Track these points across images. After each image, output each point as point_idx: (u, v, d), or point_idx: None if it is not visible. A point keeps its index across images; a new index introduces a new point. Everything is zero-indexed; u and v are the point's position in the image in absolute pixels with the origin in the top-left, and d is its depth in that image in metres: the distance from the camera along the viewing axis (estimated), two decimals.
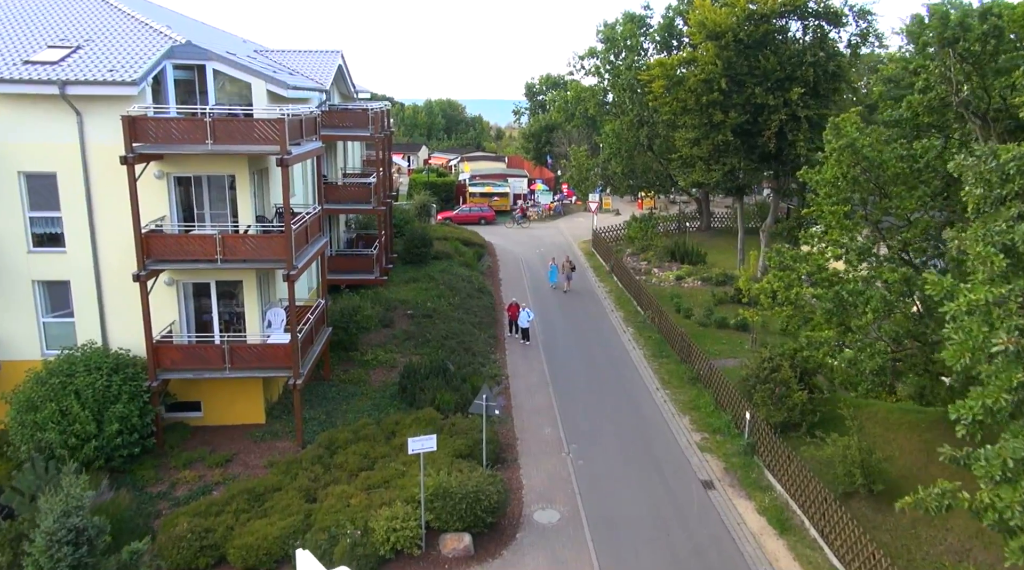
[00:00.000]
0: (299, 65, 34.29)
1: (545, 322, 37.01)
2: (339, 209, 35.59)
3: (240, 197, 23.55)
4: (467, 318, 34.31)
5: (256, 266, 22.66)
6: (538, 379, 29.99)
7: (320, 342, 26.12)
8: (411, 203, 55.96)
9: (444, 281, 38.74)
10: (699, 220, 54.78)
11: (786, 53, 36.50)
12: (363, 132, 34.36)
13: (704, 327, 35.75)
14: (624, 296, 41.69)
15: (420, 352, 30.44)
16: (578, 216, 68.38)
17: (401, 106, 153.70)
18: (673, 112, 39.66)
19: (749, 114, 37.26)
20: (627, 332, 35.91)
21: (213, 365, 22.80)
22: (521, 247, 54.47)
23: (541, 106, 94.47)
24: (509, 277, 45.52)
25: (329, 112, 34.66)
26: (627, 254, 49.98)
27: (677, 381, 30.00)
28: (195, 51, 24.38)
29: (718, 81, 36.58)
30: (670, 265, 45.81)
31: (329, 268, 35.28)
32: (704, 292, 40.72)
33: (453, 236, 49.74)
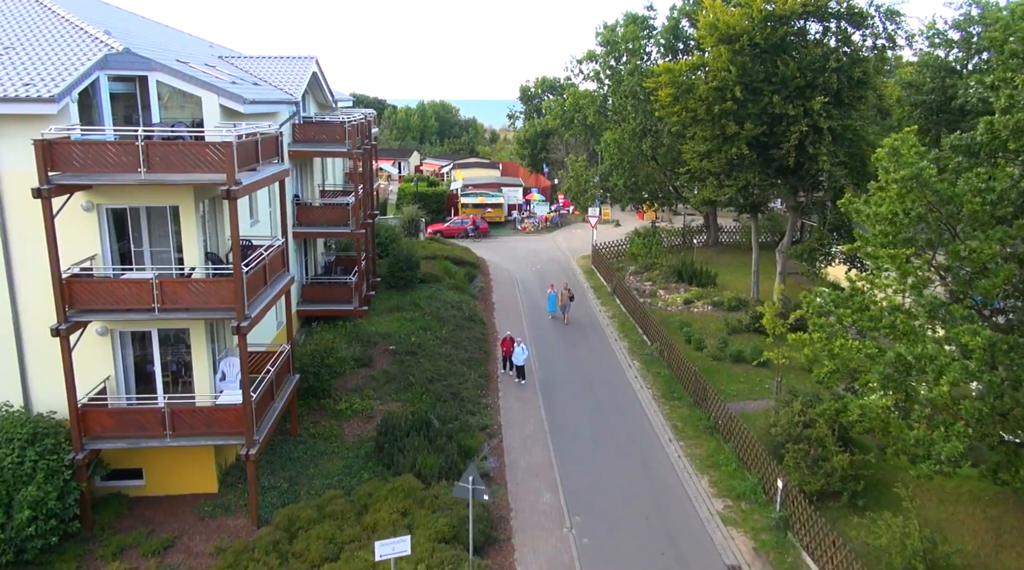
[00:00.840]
0: (268, 73, 30.80)
1: (543, 354, 33.56)
2: (313, 233, 32.10)
3: (185, 232, 20.06)
4: (456, 354, 30.83)
5: (201, 316, 19.16)
6: (535, 428, 26.53)
7: (284, 395, 22.62)
8: (399, 217, 52.40)
9: (431, 309, 35.24)
10: (706, 234, 51.41)
11: (807, 58, 33.09)
12: (339, 148, 30.85)
13: (718, 361, 32.34)
14: (628, 322, 38.26)
15: (401, 398, 26.96)
16: (576, 227, 64.96)
17: (393, 108, 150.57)
18: (682, 123, 36.22)
19: (766, 125, 33.85)
20: (633, 366, 32.47)
21: (152, 432, 19.32)
22: (516, 264, 51.00)
23: (537, 110, 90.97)
24: (503, 300, 42.06)
25: (303, 125, 31.18)
26: (630, 273, 46.55)
27: (692, 430, 26.57)
28: (134, 60, 20.90)
29: (732, 89, 33.16)
30: (677, 286, 42.39)
31: (303, 298, 31.86)
32: (716, 319, 37.30)
33: (443, 253, 46.25)
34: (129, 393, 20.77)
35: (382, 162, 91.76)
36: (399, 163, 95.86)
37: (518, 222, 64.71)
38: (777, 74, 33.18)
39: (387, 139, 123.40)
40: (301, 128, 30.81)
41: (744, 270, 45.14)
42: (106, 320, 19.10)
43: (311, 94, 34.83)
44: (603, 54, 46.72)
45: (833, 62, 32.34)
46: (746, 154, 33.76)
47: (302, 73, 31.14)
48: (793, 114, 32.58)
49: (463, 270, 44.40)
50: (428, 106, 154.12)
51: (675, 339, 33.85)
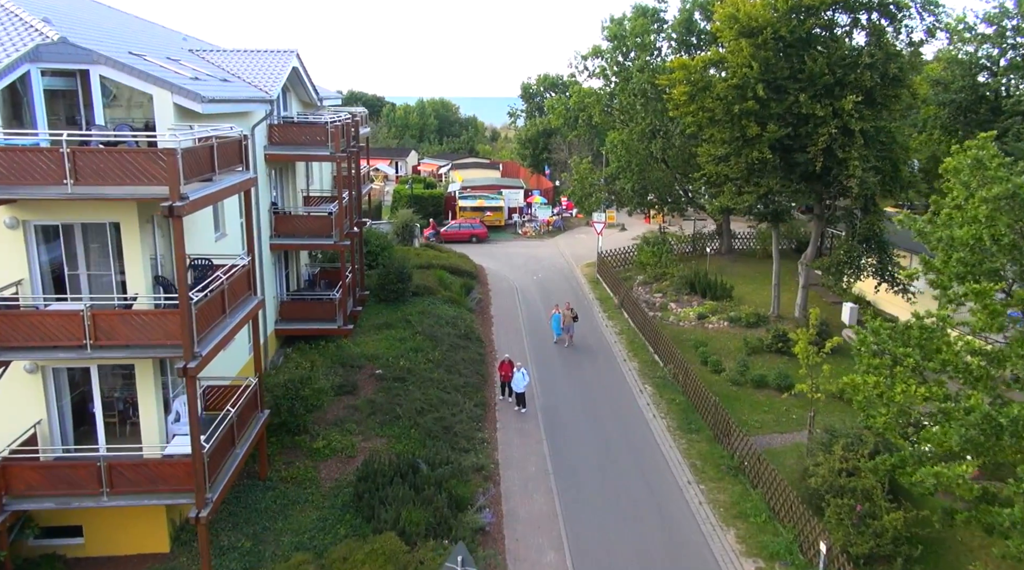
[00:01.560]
0: (243, 68, 27.84)
1: (545, 376, 30.61)
2: (293, 245, 29.14)
3: (128, 254, 17.13)
4: (449, 379, 27.87)
5: (144, 354, 16.21)
6: (537, 469, 23.58)
7: (248, 437, 19.68)
8: (392, 222, 49.41)
9: (424, 327, 32.27)
10: (718, 241, 48.41)
11: (836, 53, 30.09)
12: (320, 151, 27.92)
13: (738, 386, 29.39)
14: (637, 340, 35.30)
15: (387, 433, 24.01)
16: (579, 232, 62.01)
17: (392, 106, 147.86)
18: (697, 124, 33.23)
19: (790, 126, 30.87)
20: (645, 392, 29.52)
21: (87, 489, 16.40)
22: (516, 272, 48.04)
23: (539, 108, 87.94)
24: (502, 313, 39.10)
25: (280, 126, 28.25)
26: (637, 283, 43.57)
27: (713, 470, 23.62)
28: (72, 52, 17.97)
29: (753, 87, 30.17)
30: (689, 299, 39.41)
31: (282, 315, 28.95)
32: (733, 337, 34.32)
33: (438, 262, 43.28)
34: (66, 440, 17.86)
35: (378, 162, 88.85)
36: (396, 163, 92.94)
37: (519, 226, 61.78)
38: (803, 71, 30.19)
39: (385, 138, 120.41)
40: (279, 129, 27.88)
41: (761, 281, 42.19)
42: (30, 359, 16.16)
43: (293, 91, 31.88)
44: (610, 50, 43.73)
45: (866, 57, 29.33)
46: (768, 158, 30.77)
47: (280, 68, 28.18)
48: (821, 114, 29.60)
49: (460, 281, 41.45)
50: (427, 104, 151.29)
51: (690, 360, 30.91)
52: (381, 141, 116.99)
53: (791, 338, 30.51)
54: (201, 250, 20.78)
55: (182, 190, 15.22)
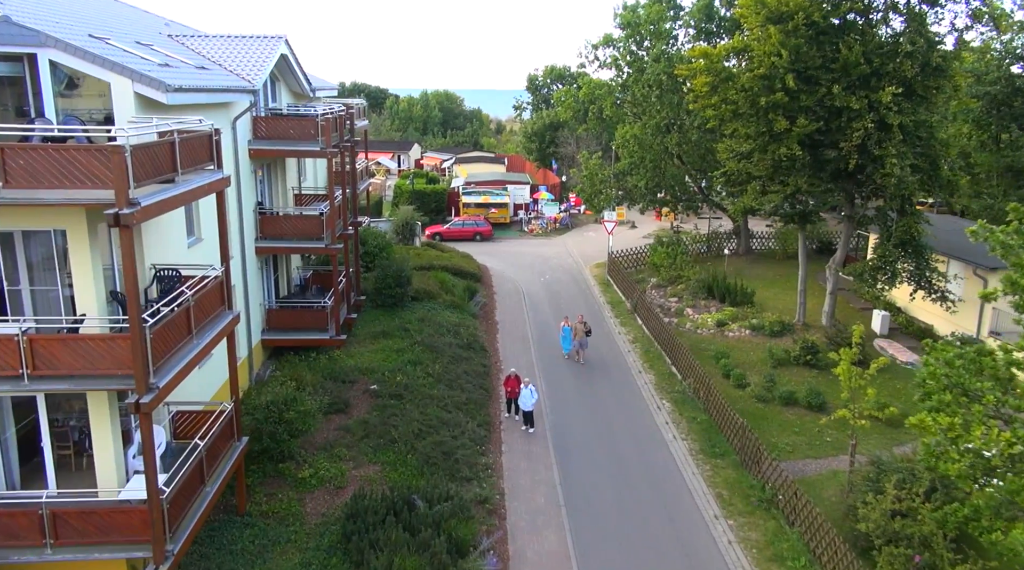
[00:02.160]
0: (225, 55, 25.48)
1: (554, 390, 28.30)
2: (279, 248, 26.81)
3: (77, 266, 14.80)
4: (451, 396, 25.56)
5: (91, 386, 13.90)
6: (547, 500, 21.27)
7: (222, 472, 17.38)
8: (392, 220, 47.02)
9: (424, 335, 29.94)
10: (736, 241, 45.92)
11: (873, 41, 27.60)
12: (310, 146, 25.56)
13: (765, 403, 27.05)
14: (652, 349, 32.93)
15: (381, 459, 21.72)
16: (588, 229, 59.61)
17: (396, 98, 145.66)
18: (719, 117, 30.76)
19: (822, 121, 28.40)
20: (663, 409, 27.18)
21: (27, 541, 14.12)
22: (523, 272, 45.68)
23: (545, 101, 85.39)
24: (508, 319, 36.76)
25: (266, 119, 25.90)
26: (651, 285, 41.18)
27: (742, 502, 21.28)
28: (15, 33, 15.65)
29: (782, 77, 27.72)
30: (707, 304, 37.01)
31: (269, 324, 26.66)
32: (756, 347, 31.93)
33: (439, 263, 40.92)
34: (10, 478, 15.58)
35: (380, 155, 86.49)
36: (398, 156, 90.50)
37: (525, 223, 59.42)
38: (837, 60, 27.71)
39: (388, 130, 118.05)
40: (264, 122, 25.52)
41: (782, 284, 39.79)
42: None
43: (283, 81, 29.50)
44: (623, 38, 41.21)
45: (907, 45, 26.82)
46: (798, 155, 28.30)
47: (266, 56, 25.79)
48: (856, 108, 27.13)
49: (463, 283, 39.09)
50: (431, 96, 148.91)
51: (711, 373, 28.56)
52: (384, 133, 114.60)
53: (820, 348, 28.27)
54: (171, 258, 18.50)
55: (132, 194, 12.88)
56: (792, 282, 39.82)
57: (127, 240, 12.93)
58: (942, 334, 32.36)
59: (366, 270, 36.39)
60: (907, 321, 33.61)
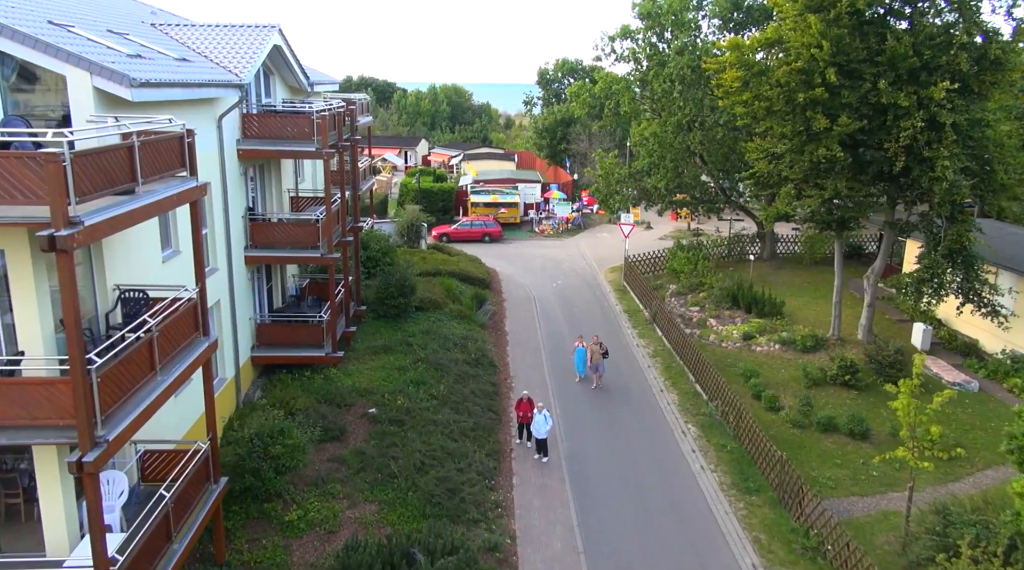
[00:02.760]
0: (212, 45, 23.24)
1: (569, 411, 26.02)
2: (271, 257, 24.58)
3: (18, 292, 12.59)
4: (457, 421, 23.30)
5: (22, 440, 11.66)
6: (564, 545, 18.98)
7: (195, 522, 15.15)
8: (397, 220, 44.72)
9: (428, 351, 27.69)
10: (760, 245, 43.44)
11: (924, 31, 25.12)
12: (304, 146, 23.31)
13: (801, 429, 24.70)
14: (674, 364, 30.59)
15: (379, 497, 19.48)
16: (601, 230, 57.22)
17: (403, 92, 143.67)
18: (751, 114, 28.33)
19: (866, 119, 25.96)
20: (688, 434, 24.86)
21: None
22: (534, 277, 43.37)
23: (556, 95, 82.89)
24: (519, 330, 34.46)
25: (257, 116, 23.66)
26: (670, 293, 38.81)
27: (783, 548, 18.95)
28: None
29: (823, 71, 25.28)
30: (732, 314, 34.60)
31: (260, 340, 24.51)
32: (788, 363, 29.55)
33: (446, 268, 38.66)
34: None
35: (387, 151, 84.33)
36: (405, 152, 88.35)
37: (535, 224, 57.06)
38: (883, 52, 25.24)
39: (396, 125, 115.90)
40: (255, 120, 23.28)
41: (811, 293, 37.37)
42: None
43: (277, 75, 27.26)
44: (642, 30, 38.76)
45: (963, 35, 24.33)
46: (839, 157, 25.86)
47: (257, 47, 23.52)
48: (904, 105, 24.66)
49: (471, 290, 36.83)
50: (440, 90, 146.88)
51: (739, 392, 26.24)
52: (391, 128, 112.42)
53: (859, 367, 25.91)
54: (141, 276, 16.28)
55: (73, 212, 10.64)
56: (822, 290, 37.46)
57: (66, 268, 10.66)
58: (990, 350, 29.92)
59: (368, 276, 34.18)
60: (949, 335, 31.14)
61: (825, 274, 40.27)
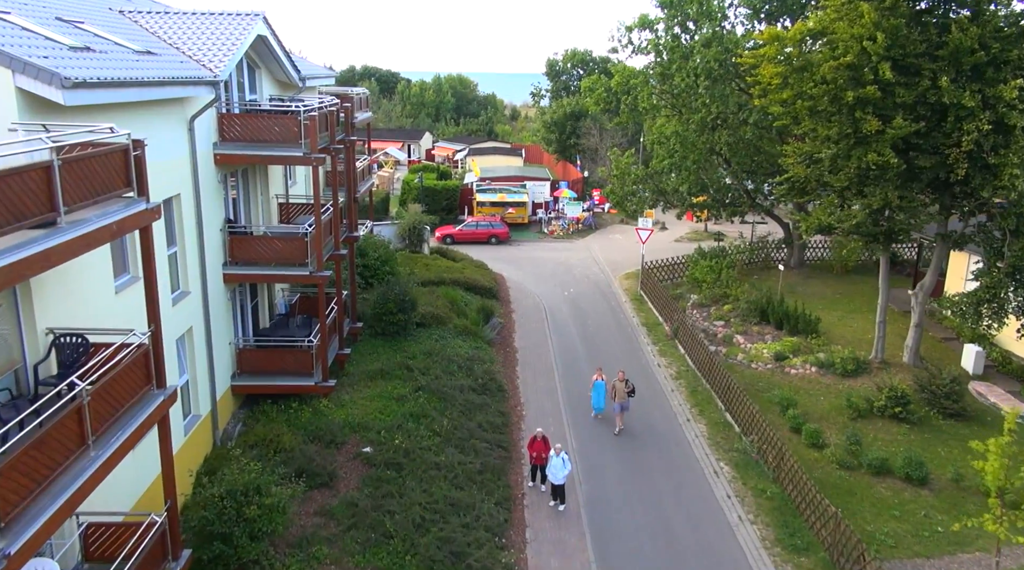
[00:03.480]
0: (187, 36, 20.47)
1: (586, 446, 23.34)
2: (253, 276, 21.87)
3: None
4: (463, 463, 20.61)
5: None
6: None
7: None
8: (398, 222, 41.95)
9: (430, 377, 25.01)
10: (787, 251, 40.55)
11: (992, 22, 22.24)
12: (289, 151, 20.55)
13: (849, 471, 21.97)
14: (700, 387, 27.87)
15: (372, 562, 16.82)
16: (614, 231, 54.40)
17: (407, 82, 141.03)
18: (792, 115, 25.46)
19: (923, 120, 23.11)
20: (721, 475, 22.15)
21: None
22: (544, 284, 40.62)
23: (565, 88, 79.88)
24: (529, 346, 31.73)
25: (238, 117, 20.91)
26: (691, 304, 36.03)
27: None
28: None
29: (876, 66, 22.42)
30: (761, 331, 31.80)
31: (242, 367, 21.91)
32: (827, 389, 26.79)
33: (450, 276, 35.91)
34: None
35: (389, 145, 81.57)
36: (408, 146, 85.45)
37: (544, 224, 54.24)
38: (945, 45, 22.36)
39: (399, 117, 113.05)
40: (233, 121, 20.52)
41: (845, 306, 34.54)
42: None
43: (264, 68, 24.49)
44: (663, 18, 35.82)
45: None
46: (891, 163, 23.00)
47: (237, 37, 20.73)
48: (969, 105, 21.79)
49: (477, 301, 34.08)
50: (445, 80, 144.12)
51: (775, 423, 23.57)
52: (395, 119, 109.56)
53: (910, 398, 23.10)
54: (86, 311, 13.61)
55: None
56: (856, 303, 34.69)
57: None
58: None
59: (366, 286, 31.47)
60: (1002, 357, 28.33)
61: (859, 285, 37.50)
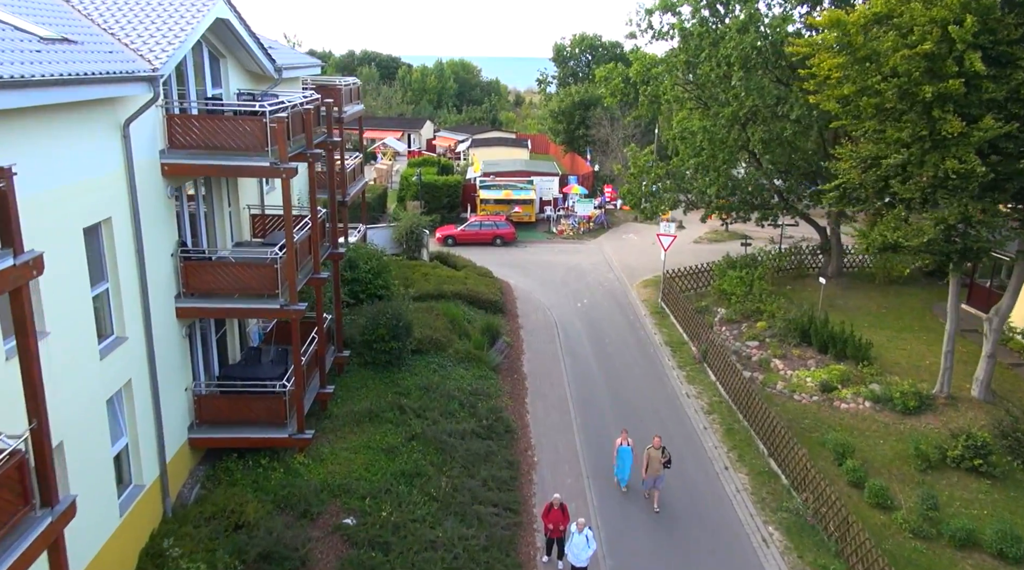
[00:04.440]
0: (127, 20, 16.75)
1: (607, 503, 19.77)
2: (213, 310, 18.25)
3: None
4: (464, 538, 17.05)
5: None
6: None
7: None
8: (395, 226, 38.20)
9: (427, 421, 21.45)
10: (823, 258, 36.76)
11: None
12: (253, 161, 16.88)
13: (927, 542, 18.41)
14: (738, 425, 24.28)
15: None
16: (627, 229, 50.64)
17: (408, 67, 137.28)
18: (854, 114, 21.68)
19: (1016, 120, 19.35)
20: (772, 543, 18.61)
21: None
22: (554, 293, 36.98)
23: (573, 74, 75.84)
24: (539, 371, 28.11)
25: (191, 119, 17.24)
26: (719, 318, 32.38)
27: None
28: None
29: (961, 56, 18.64)
30: (802, 355, 28.16)
31: (201, 417, 18.40)
32: (887, 429, 23.18)
33: (451, 288, 32.21)
34: None
35: (388, 135, 77.77)
36: (408, 135, 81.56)
37: (553, 222, 50.49)
38: None
39: (400, 103, 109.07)
40: (186, 124, 16.82)
41: (894, 323, 30.91)
42: None
43: (231, 57, 20.76)
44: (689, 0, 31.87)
45: None
46: (978, 171, 19.25)
47: (188, 22, 17.00)
48: None
49: (481, 318, 30.48)
50: (447, 65, 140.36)
51: (828, 472, 20.03)
52: (396, 106, 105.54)
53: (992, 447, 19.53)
54: None
55: None
56: (906, 320, 31.09)
57: None
58: None
59: (356, 304, 27.88)
60: None
61: (905, 297, 33.83)
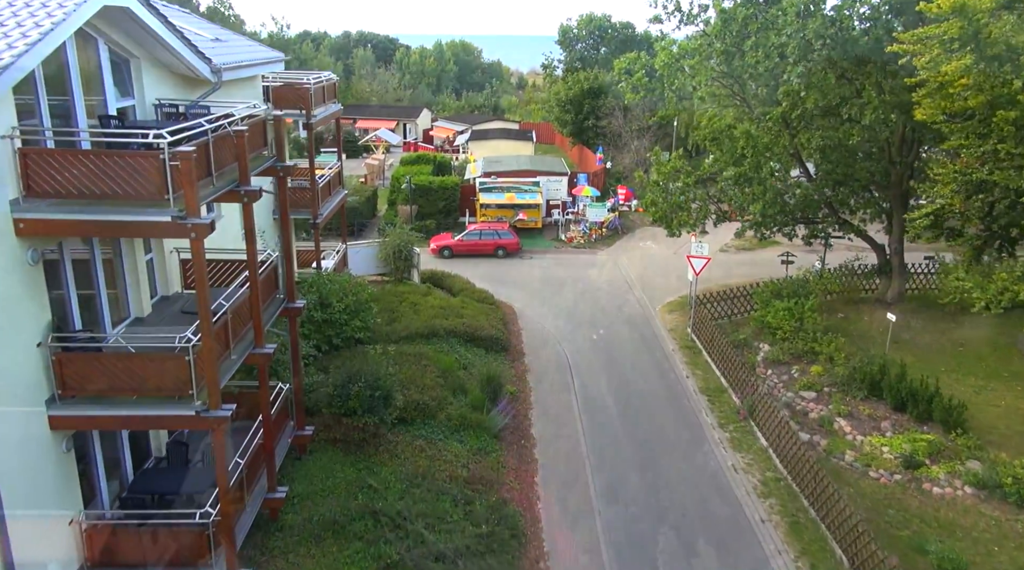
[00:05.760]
0: None
1: None
2: (100, 419, 13.15)
3: None
4: None
5: None
6: None
7: None
8: (381, 244, 32.89)
9: (410, 538, 16.44)
10: (880, 280, 31.50)
11: None
12: (146, 215, 11.73)
13: None
14: (803, 515, 19.24)
15: None
16: (643, 236, 45.35)
17: (406, 49, 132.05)
18: (979, 132, 16.42)
19: None
20: None
21: None
22: (564, 320, 31.84)
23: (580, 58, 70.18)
24: (551, 436, 23.02)
25: (57, 153, 12.09)
26: (762, 357, 27.29)
27: None
28: None
29: None
30: (873, 413, 23.07)
31: (94, 559, 13.26)
32: (999, 526, 18.16)
33: (445, 323, 27.01)
34: None
35: (382, 124, 72.35)
36: (404, 126, 76.07)
37: (562, 228, 45.24)
38: None
39: (397, 88, 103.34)
40: (48, 163, 11.65)
41: (975, 365, 25.88)
42: None
43: (146, 57, 15.51)
44: None
45: None
46: None
47: (53, 10, 11.79)
48: None
49: (480, 361, 25.44)
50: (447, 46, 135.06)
51: None
52: (393, 91, 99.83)
53: None
54: None
55: None
56: (989, 361, 26.11)
57: None
58: None
59: (330, 349, 22.90)
60: None
61: (980, 328, 28.58)
